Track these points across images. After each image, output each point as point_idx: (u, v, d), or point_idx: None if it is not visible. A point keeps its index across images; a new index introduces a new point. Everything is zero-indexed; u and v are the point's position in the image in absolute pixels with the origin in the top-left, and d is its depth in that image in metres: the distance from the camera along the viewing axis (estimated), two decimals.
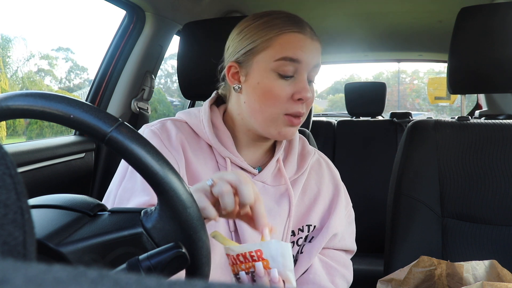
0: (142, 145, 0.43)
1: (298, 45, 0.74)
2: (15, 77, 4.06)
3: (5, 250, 0.22)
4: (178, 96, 5.94)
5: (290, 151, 0.85)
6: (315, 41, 0.77)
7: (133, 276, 0.15)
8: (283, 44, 0.74)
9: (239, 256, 0.59)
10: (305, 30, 0.76)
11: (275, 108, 0.74)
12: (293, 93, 0.73)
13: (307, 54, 0.74)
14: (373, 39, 2.35)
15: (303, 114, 0.76)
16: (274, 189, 0.80)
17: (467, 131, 1.05)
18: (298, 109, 0.74)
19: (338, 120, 2.34)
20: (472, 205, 1.01)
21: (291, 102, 0.74)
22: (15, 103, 0.42)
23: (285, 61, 0.73)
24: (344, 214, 0.85)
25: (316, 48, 0.77)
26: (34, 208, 0.47)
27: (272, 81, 0.74)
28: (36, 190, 1.16)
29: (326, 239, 0.80)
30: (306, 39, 0.75)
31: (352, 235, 0.88)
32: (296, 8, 1.79)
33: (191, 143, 0.78)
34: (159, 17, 1.55)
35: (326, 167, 0.88)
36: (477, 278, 0.79)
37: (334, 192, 0.85)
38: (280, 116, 0.74)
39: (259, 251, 0.58)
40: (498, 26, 1.00)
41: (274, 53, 0.73)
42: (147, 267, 0.42)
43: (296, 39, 0.74)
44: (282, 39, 0.74)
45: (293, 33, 0.74)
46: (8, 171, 0.23)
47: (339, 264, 0.83)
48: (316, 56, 0.76)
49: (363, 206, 2.02)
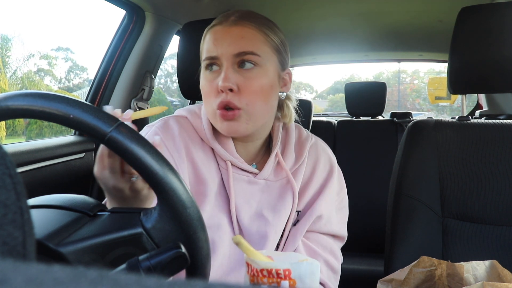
0: (142, 145, 0.43)
1: (212, 39, 0.74)
2: (14, 77, 4.05)
3: (5, 250, 0.21)
4: (178, 96, 5.95)
5: (288, 141, 0.84)
6: (236, 27, 0.73)
7: (133, 276, 0.15)
8: (205, 44, 0.76)
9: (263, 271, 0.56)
10: (225, 20, 0.74)
11: (208, 103, 0.75)
12: (217, 86, 0.72)
13: (222, 45, 0.72)
14: (373, 39, 2.35)
15: (231, 103, 0.71)
16: (276, 183, 0.80)
17: (468, 131, 1.05)
18: (220, 98, 0.72)
19: (338, 120, 2.34)
20: (473, 205, 1.01)
21: (219, 95, 0.72)
22: (15, 103, 0.42)
23: (205, 61, 0.74)
24: (334, 199, 0.83)
25: (237, 34, 0.72)
26: (33, 208, 0.47)
27: (204, 79, 0.76)
28: (35, 190, 1.16)
29: (309, 221, 0.78)
30: (222, 30, 0.73)
31: (342, 221, 0.85)
32: (296, 8, 1.79)
33: (194, 143, 0.78)
34: (159, 17, 1.55)
35: (322, 151, 0.86)
36: (477, 279, 0.79)
37: (326, 176, 0.83)
38: (215, 111, 0.73)
39: (288, 271, 0.55)
40: (498, 26, 1.00)
41: (202, 55, 0.76)
42: (147, 267, 0.42)
43: (212, 35, 0.74)
44: (205, 39, 0.76)
45: (212, 29, 0.75)
46: (8, 171, 0.23)
47: (324, 250, 0.81)
48: (235, 43, 0.71)
49: (363, 206, 2.02)
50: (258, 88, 0.72)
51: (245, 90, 0.71)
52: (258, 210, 0.78)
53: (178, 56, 1.08)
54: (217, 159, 0.78)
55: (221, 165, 0.78)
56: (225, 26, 0.73)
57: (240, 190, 0.77)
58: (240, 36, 0.72)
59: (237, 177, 0.78)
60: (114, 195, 0.58)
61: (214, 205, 0.75)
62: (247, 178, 0.78)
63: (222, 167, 0.78)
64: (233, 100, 0.71)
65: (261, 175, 0.79)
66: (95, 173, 0.58)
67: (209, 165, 0.77)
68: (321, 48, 2.58)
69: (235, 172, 0.78)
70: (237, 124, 0.73)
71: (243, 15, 0.74)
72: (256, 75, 0.72)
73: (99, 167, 0.57)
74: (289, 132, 0.85)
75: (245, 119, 0.73)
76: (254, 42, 0.73)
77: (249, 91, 0.72)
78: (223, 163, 0.78)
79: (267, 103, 0.75)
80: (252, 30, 0.73)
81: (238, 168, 0.78)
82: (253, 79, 0.72)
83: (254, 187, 0.78)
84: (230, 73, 0.71)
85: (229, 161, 0.77)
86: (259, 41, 0.73)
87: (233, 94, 0.71)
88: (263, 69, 0.73)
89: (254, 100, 0.72)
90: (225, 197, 0.77)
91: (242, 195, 0.77)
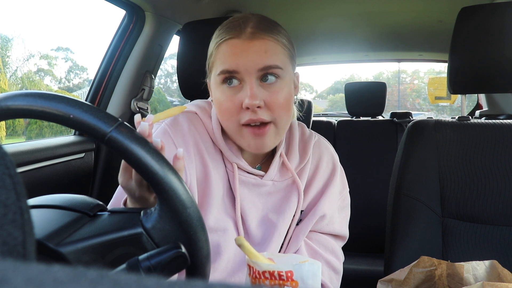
0: (142, 145, 0.43)
1: (232, 53, 0.70)
2: (14, 77, 4.05)
3: (5, 250, 0.21)
4: (178, 96, 5.95)
5: (291, 141, 0.83)
6: (256, 40, 0.70)
7: (133, 276, 0.15)
8: (220, 57, 0.72)
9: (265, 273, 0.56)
10: (242, 32, 0.71)
11: (230, 120, 0.71)
12: (241, 102, 0.69)
13: (245, 59, 0.69)
14: (373, 39, 2.35)
15: (262, 120, 0.70)
16: (283, 183, 0.79)
17: (468, 131, 1.05)
18: (249, 116, 0.69)
19: (338, 120, 2.34)
20: (473, 205, 1.01)
21: (243, 111, 0.70)
22: (15, 103, 0.42)
23: (223, 74, 0.70)
24: (337, 198, 0.83)
25: (259, 48, 0.70)
26: (33, 208, 0.47)
27: (221, 94, 0.72)
28: (35, 190, 1.16)
29: (313, 221, 0.78)
30: (241, 44, 0.70)
31: (344, 220, 0.85)
32: (296, 8, 1.79)
33: (204, 140, 0.77)
34: (159, 17, 1.55)
35: (325, 150, 0.86)
36: (477, 279, 0.79)
37: (329, 175, 0.83)
38: (240, 128, 0.71)
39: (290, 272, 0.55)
40: (498, 25, 1.00)
41: (217, 67, 0.72)
42: (147, 267, 0.42)
43: (230, 47, 0.70)
44: (219, 51, 0.72)
45: (228, 41, 0.71)
46: (8, 171, 0.23)
47: (326, 250, 0.81)
48: (259, 57, 0.70)
49: (363, 206, 2.02)
50: (283, 100, 0.71)
51: (272, 105, 0.70)
52: (264, 213, 0.78)
53: (178, 56, 1.08)
54: (225, 161, 0.78)
55: (228, 167, 0.77)
56: (244, 40, 0.70)
57: (247, 193, 0.77)
58: (264, 51, 0.70)
59: (244, 179, 0.77)
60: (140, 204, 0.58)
61: (221, 209, 0.75)
62: (254, 181, 0.78)
63: (229, 169, 0.77)
64: (263, 116, 0.70)
65: (268, 177, 0.78)
66: (120, 183, 0.56)
67: (217, 166, 0.76)
68: (321, 48, 2.58)
69: (242, 175, 0.77)
70: (267, 140, 0.72)
71: (259, 26, 0.72)
72: (280, 88, 0.71)
73: (125, 178, 0.55)
74: (293, 131, 0.84)
75: (274, 133, 0.72)
76: (277, 56, 0.72)
77: (276, 105, 0.70)
78: (230, 165, 0.77)
79: (290, 112, 0.74)
80: (272, 43, 0.72)
81: (244, 171, 0.78)
82: (278, 93, 0.71)
83: (261, 189, 0.78)
84: (255, 89, 0.69)
85: (235, 164, 0.77)
86: (281, 54, 0.72)
87: (260, 110, 0.70)
88: (284, 80, 0.72)
89: (281, 113, 0.72)
90: (232, 200, 0.77)
91: (249, 199, 0.77)
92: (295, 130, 0.85)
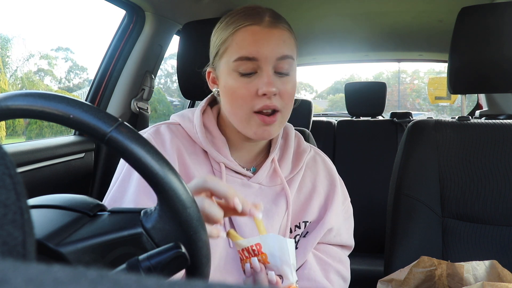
0: (142, 145, 0.43)
1: (252, 40, 0.70)
2: (14, 77, 4.05)
3: (5, 250, 0.21)
4: (178, 96, 5.95)
5: (286, 149, 0.84)
6: (276, 29, 0.71)
7: (133, 276, 0.15)
8: (238, 42, 0.71)
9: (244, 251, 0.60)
10: (262, 20, 0.71)
11: (242, 107, 0.72)
12: (257, 90, 0.70)
13: (265, 47, 0.70)
14: (373, 39, 2.35)
15: (276, 107, 0.71)
16: (271, 189, 0.80)
17: (468, 131, 1.05)
18: (264, 102, 0.70)
19: (338, 120, 2.34)
20: (473, 205, 1.01)
21: (257, 98, 0.70)
22: (15, 103, 0.42)
23: (241, 61, 0.70)
24: (341, 209, 0.84)
25: (278, 37, 0.71)
26: (33, 208, 0.47)
27: (235, 81, 0.72)
28: (35, 190, 1.16)
29: (321, 234, 0.79)
30: (262, 31, 0.70)
31: (349, 230, 0.87)
32: (296, 8, 1.79)
33: (187, 147, 0.77)
34: (159, 17, 1.55)
35: (322, 163, 0.87)
36: (477, 279, 0.79)
37: (329, 187, 0.84)
38: (251, 115, 0.72)
39: (258, 245, 0.59)
40: (498, 25, 1.00)
41: (232, 53, 0.71)
42: (147, 267, 0.42)
43: (250, 34, 0.70)
44: (237, 37, 0.71)
45: (248, 27, 0.71)
46: (8, 171, 0.23)
47: (334, 260, 0.82)
48: (278, 46, 0.70)
49: (363, 206, 2.02)
50: (292, 91, 0.73)
51: (284, 94, 0.72)
52: None
53: (178, 56, 1.08)
54: (211, 162, 0.78)
55: (215, 167, 0.77)
56: (264, 27, 0.71)
57: None
58: (282, 40, 0.71)
59: (230, 179, 0.77)
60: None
61: None
62: (240, 181, 0.78)
63: (216, 169, 0.77)
64: (277, 103, 0.71)
65: (256, 178, 0.79)
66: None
67: (200, 168, 0.76)
68: (321, 48, 2.58)
69: (229, 175, 0.77)
70: (273, 128, 0.73)
71: (275, 16, 0.73)
72: (290, 79, 0.73)
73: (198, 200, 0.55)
74: (288, 140, 0.85)
75: (279, 122, 0.74)
76: (292, 47, 0.73)
77: (286, 95, 0.72)
78: (217, 165, 0.77)
79: (293, 103, 0.76)
80: (288, 34, 0.73)
81: (232, 171, 0.78)
82: (289, 83, 0.73)
83: (247, 190, 0.78)
84: (272, 77, 0.70)
85: (222, 163, 0.77)
86: (294, 45, 0.74)
87: (275, 97, 0.71)
88: (294, 72, 0.74)
89: (289, 103, 0.74)
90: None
91: None
92: (291, 141, 0.85)
